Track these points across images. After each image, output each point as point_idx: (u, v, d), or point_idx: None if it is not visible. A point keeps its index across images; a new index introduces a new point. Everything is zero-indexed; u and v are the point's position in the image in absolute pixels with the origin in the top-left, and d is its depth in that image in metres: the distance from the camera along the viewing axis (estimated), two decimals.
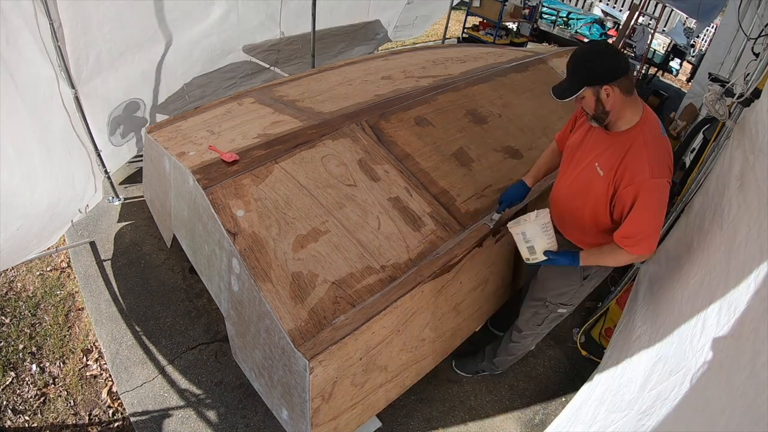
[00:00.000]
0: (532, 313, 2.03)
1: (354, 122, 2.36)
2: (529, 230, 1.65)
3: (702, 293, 1.56)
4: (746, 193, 1.57)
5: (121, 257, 2.82)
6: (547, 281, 1.93)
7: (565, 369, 2.59)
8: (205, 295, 2.62)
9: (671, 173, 1.48)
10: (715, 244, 1.67)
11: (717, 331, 1.30)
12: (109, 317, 2.49)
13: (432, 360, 2.11)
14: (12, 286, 2.62)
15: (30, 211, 2.19)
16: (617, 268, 1.98)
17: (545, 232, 1.64)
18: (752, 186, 1.53)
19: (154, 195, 2.69)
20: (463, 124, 2.65)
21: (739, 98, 1.81)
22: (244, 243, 1.76)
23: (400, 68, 3.13)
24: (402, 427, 2.19)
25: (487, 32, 6.90)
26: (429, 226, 2.05)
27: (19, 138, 2.06)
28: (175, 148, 2.16)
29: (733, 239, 1.52)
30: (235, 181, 1.94)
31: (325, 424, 1.70)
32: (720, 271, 1.51)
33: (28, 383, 2.19)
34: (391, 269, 1.85)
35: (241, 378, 2.24)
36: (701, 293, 1.57)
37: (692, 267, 1.79)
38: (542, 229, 1.63)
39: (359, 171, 2.15)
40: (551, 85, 1.55)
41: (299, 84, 2.85)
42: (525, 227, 1.65)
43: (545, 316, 2.00)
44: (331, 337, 1.59)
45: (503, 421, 2.29)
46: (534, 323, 2.05)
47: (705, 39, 9.13)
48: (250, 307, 1.78)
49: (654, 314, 1.94)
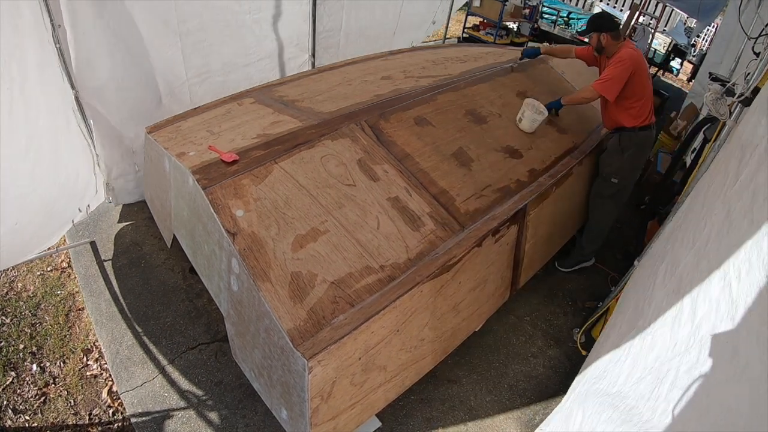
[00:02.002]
0: (595, 191, 2.97)
1: (353, 122, 2.37)
2: (529, 109, 2.78)
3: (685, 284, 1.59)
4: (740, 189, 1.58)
5: (121, 257, 2.83)
6: (601, 162, 2.95)
7: (565, 369, 2.59)
8: (205, 295, 2.62)
9: (636, 61, 2.60)
10: (704, 237, 1.69)
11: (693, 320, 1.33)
12: (110, 317, 2.49)
13: (431, 360, 2.10)
14: (12, 286, 2.63)
15: (28, 207, 2.20)
16: (617, 268, 3.01)
17: (536, 116, 2.78)
18: (745, 182, 1.55)
19: (154, 195, 2.70)
20: (463, 124, 2.65)
21: (740, 98, 1.81)
22: (244, 243, 1.76)
23: (400, 68, 3.13)
24: (402, 427, 2.18)
25: (488, 32, 6.90)
26: (428, 226, 2.05)
27: (31, 133, 2.08)
28: (175, 148, 2.17)
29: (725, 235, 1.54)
30: (234, 181, 1.94)
31: (324, 423, 1.70)
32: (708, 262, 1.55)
33: (29, 383, 2.19)
34: (390, 269, 1.85)
35: (241, 378, 2.24)
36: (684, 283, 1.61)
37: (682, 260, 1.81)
38: (536, 113, 2.78)
39: (358, 171, 2.15)
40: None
41: (299, 84, 2.85)
42: (532, 105, 2.82)
43: (602, 188, 2.91)
44: (330, 336, 1.60)
45: (503, 421, 2.29)
46: (596, 196, 2.96)
47: (706, 39, 9.11)
48: (249, 307, 1.78)
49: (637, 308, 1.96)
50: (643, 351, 1.50)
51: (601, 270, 3.30)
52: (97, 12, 2.41)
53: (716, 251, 1.34)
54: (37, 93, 2.18)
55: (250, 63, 3.51)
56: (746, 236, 1.18)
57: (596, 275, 3.26)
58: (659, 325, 1.48)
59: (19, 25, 2.01)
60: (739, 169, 1.50)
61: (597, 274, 3.27)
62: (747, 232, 1.18)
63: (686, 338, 1.27)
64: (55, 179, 2.43)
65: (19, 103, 2.03)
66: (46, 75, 2.25)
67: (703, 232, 1.52)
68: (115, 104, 2.74)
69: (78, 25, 2.32)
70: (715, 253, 1.33)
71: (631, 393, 1.41)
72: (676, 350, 1.29)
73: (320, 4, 3.85)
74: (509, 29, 7.25)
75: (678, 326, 1.35)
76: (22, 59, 2.04)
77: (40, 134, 2.25)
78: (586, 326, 2.69)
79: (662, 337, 1.40)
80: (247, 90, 2.78)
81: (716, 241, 1.39)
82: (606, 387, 1.61)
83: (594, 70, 3.03)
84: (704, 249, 1.41)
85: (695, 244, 1.53)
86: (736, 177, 1.47)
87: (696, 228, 1.62)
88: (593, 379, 1.76)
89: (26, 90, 2.08)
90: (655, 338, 1.45)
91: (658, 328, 1.47)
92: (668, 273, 1.64)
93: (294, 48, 3.86)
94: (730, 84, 1.98)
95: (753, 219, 1.19)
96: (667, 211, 2.79)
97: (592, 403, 1.61)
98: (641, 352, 1.51)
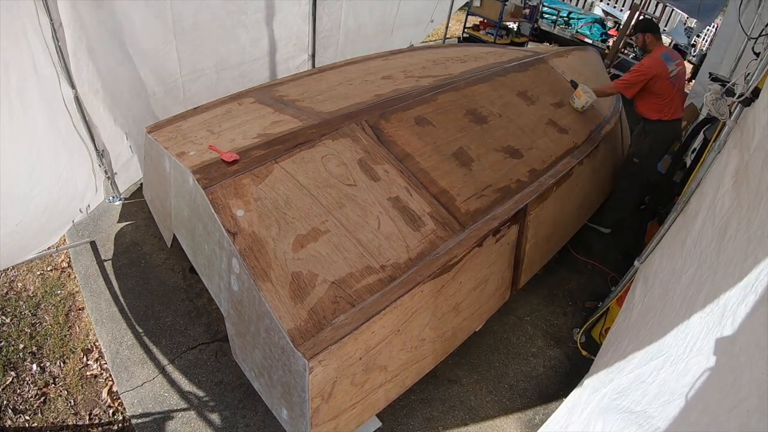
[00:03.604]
0: (621, 168, 3.52)
1: (354, 122, 2.36)
2: (585, 92, 3.21)
3: (693, 286, 1.58)
4: (739, 190, 1.59)
5: (121, 257, 2.83)
6: (631, 142, 3.43)
7: (565, 369, 2.59)
8: (205, 295, 2.62)
9: (652, 69, 2.97)
10: (707, 239, 1.68)
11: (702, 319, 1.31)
12: (110, 317, 2.49)
13: (432, 360, 2.10)
14: (12, 285, 2.63)
15: (29, 207, 2.19)
16: (617, 268, 3.20)
17: (587, 98, 3.19)
18: (744, 183, 1.55)
19: (154, 195, 2.69)
20: (463, 124, 2.65)
21: (740, 98, 1.81)
22: (244, 243, 1.76)
23: (400, 68, 3.13)
24: (402, 427, 2.18)
25: (488, 32, 6.90)
26: (429, 226, 2.05)
27: (32, 134, 2.07)
28: (175, 147, 2.16)
29: (723, 234, 1.54)
30: (234, 180, 1.94)
31: (325, 423, 1.70)
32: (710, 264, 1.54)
33: (29, 383, 2.19)
34: (391, 269, 1.85)
35: (241, 378, 2.24)
36: (692, 286, 1.59)
37: (686, 262, 1.80)
38: (588, 96, 3.19)
39: (359, 171, 2.15)
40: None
41: (299, 84, 2.85)
42: (585, 90, 3.22)
43: (626, 166, 3.42)
44: (331, 336, 1.59)
45: (503, 421, 2.29)
46: (621, 173, 3.49)
47: (706, 39, 9.11)
48: (249, 307, 1.78)
49: (646, 309, 1.95)
50: (674, 376, 1.45)
51: (601, 270, 3.30)
52: (95, 11, 2.41)
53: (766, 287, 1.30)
54: (36, 93, 2.18)
55: (246, 62, 3.52)
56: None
57: (596, 275, 3.27)
58: (696, 353, 1.41)
59: (19, 25, 2.01)
60: None
61: (597, 274, 3.27)
62: None
63: (724, 367, 1.23)
64: (55, 179, 2.42)
65: (19, 103, 2.03)
66: (46, 75, 2.25)
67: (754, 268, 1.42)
68: (114, 103, 2.74)
69: (76, 24, 2.32)
70: (764, 289, 1.29)
71: (658, 414, 1.38)
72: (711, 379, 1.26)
73: (319, 4, 3.85)
74: (509, 29, 7.25)
75: (717, 355, 1.31)
76: (22, 59, 2.04)
77: (40, 134, 2.24)
78: (586, 326, 2.69)
79: (697, 366, 1.36)
80: (248, 90, 2.78)
81: None
82: (629, 405, 1.57)
83: (593, 71, 3.46)
84: (753, 285, 1.36)
85: (741, 279, 1.41)
86: None
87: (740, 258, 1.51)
88: (615, 394, 1.71)
89: (26, 90, 2.08)
90: (689, 366, 1.40)
91: (693, 356, 1.41)
92: (708, 302, 1.52)
93: (293, 48, 3.86)
94: (730, 84, 1.98)
95: None
96: (667, 211, 2.79)
97: (613, 419, 1.58)
98: (671, 376, 1.45)
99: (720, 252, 1.54)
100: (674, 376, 1.43)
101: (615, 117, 3.51)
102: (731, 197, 1.64)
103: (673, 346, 1.51)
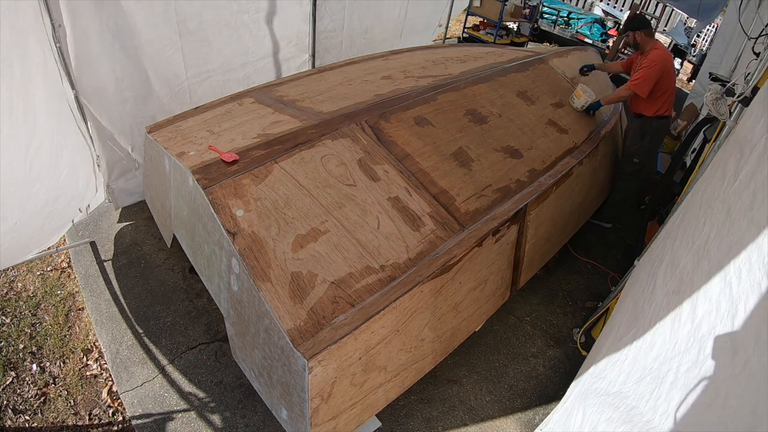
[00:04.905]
0: (619, 168, 3.49)
1: (354, 122, 2.36)
2: (585, 91, 3.23)
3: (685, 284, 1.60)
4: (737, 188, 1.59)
5: (121, 257, 2.83)
6: (625, 143, 3.47)
7: (565, 369, 2.59)
8: (205, 295, 2.62)
9: (665, 62, 3.03)
10: (703, 237, 1.70)
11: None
12: (110, 317, 2.49)
13: (432, 360, 2.10)
14: (12, 286, 2.63)
15: (28, 207, 2.19)
16: (617, 268, 3.21)
17: (587, 97, 3.21)
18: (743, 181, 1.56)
19: (154, 195, 2.70)
20: (463, 124, 2.65)
21: (740, 97, 1.81)
22: (244, 243, 1.76)
23: (400, 68, 3.13)
24: (402, 427, 2.18)
25: (488, 32, 6.89)
26: (428, 226, 2.05)
27: (31, 134, 2.07)
28: (175, 148, 2.17)
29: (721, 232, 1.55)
30: (234, 181, 1.94)
31: (325, 423, 1.70)
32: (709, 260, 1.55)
33: (29, 383, 2.19)
34: (391, 269, 1.85)
35: (241, 378, 2.24)
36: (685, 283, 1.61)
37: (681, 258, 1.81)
38: (588, 96, 3.21)
39: (359, 171, 2.15)
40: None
41: (299, 84, 2.85)
42: (585, 90, 3.24)
43: (625, 166, 3.40)
44: (331, 336, 1.59)
45: (503, 421, 2.29)
46: (620, 172, 3.47)
47: (706, 39, 9.10)
48: (249, 307, 1.78)
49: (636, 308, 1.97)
50: (642, 351, 1.50)
51: (601, 270, 3.30)
52: (96, 12, 2.41)
53: (716, 250, 1.34)
54: (37, 93, 2.18)
55: (249, 62, 3.51)
56: (746, 236, 1.18)
57: (596, 275, 3.26)
58: (659, 324, 1.48)
59: (20, 25, 2.01)
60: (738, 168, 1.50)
61: (597, 274, 3.27)
62: (747, 231, 1.19)
63: (686, 337, 1.27)
64: (55, 179, 2.42)
65: (19, 103, 2.03)
66: (46, 75, 2.25)
67: (702, 231, 1.53)
68: (114, 104, 2.74)
69: (78, 24, 2.32)
70: (715, 253, 1.33)
71: (632, 393, 1.42)
72: (677, 349, 1.29)
73: (321, 4, 3.84)
74: (509, 29, 7.25)
75: (678, 325, 1.35)
76: (22, 59, 2.04)
77: (40, 134, 2.24)
78: (586, 326, 2.69)
79: (662, 336, 1.41)
80: (248, 90, 2.78)
81: (716, 240, 1.39)
82: (606, 387, 1.61)
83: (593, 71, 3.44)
84: (704, 248, 1.41)
85: (695, 244, 1.53)
86: (735, 176, 1.47)
87: (695, 227, 1.63)
88: (593, 378, 1.76)
89: (26, 90, 2.08)
90: (655, 338, 1.46)
91: (658, 327, 1.47)
92: (668, 273, 1.65)
93: (293, 48, 3.85)
94: (730, 84, 1.98)
95: (752, 218, 1.19)
96: (667, 211, 2.79)
97: (592, 403, 1.61)
98: (641, 351, 1.51)
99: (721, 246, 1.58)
100: (643, 351, 1.45)
101: (615, 117, 3.51)
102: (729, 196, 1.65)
103: (640, 319, 1.55)
